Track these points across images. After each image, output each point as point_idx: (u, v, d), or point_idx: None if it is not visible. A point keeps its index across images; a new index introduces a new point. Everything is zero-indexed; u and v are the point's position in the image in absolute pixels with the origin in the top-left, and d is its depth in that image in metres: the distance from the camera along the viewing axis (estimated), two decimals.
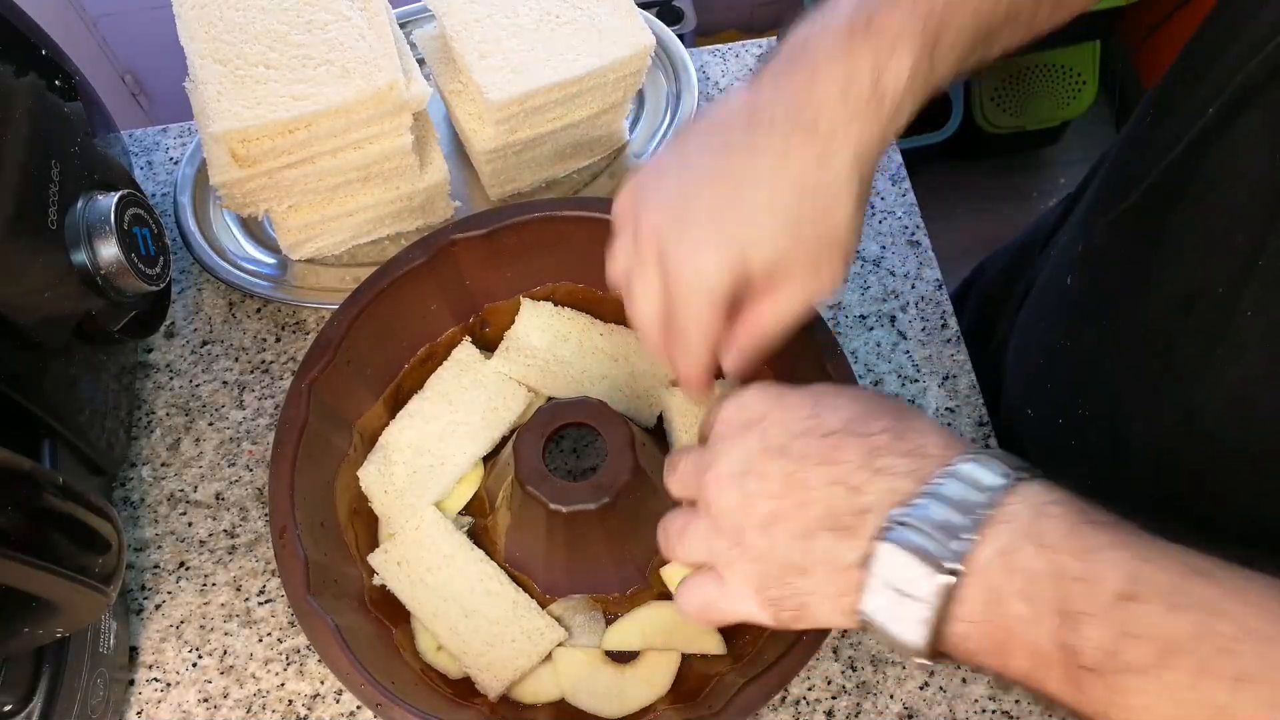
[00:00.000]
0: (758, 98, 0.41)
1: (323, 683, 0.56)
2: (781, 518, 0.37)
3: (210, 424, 0.64)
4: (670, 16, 1.65)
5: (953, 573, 0.32)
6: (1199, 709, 0.29)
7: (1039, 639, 0.31)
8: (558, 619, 0.53)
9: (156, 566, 0.59)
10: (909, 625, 0.34)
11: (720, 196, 0.40)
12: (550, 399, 0.58)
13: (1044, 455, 0.49)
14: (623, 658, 0.53)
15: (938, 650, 0.34)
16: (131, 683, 0.56)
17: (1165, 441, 0.44)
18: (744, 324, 0.44)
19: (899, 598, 0.34)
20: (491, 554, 0.54)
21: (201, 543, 0.60)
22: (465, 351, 0.59)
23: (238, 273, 0.66)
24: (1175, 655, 0.29)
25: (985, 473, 0.34)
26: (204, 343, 0.67)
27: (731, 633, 0.53)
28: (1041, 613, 0.31)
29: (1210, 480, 0.43)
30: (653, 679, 0.52)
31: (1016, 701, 0.54)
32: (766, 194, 0.40)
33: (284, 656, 0.56)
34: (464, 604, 0.52)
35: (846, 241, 0.41)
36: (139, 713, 0.55)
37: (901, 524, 0.34)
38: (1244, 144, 0.39)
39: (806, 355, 0.53)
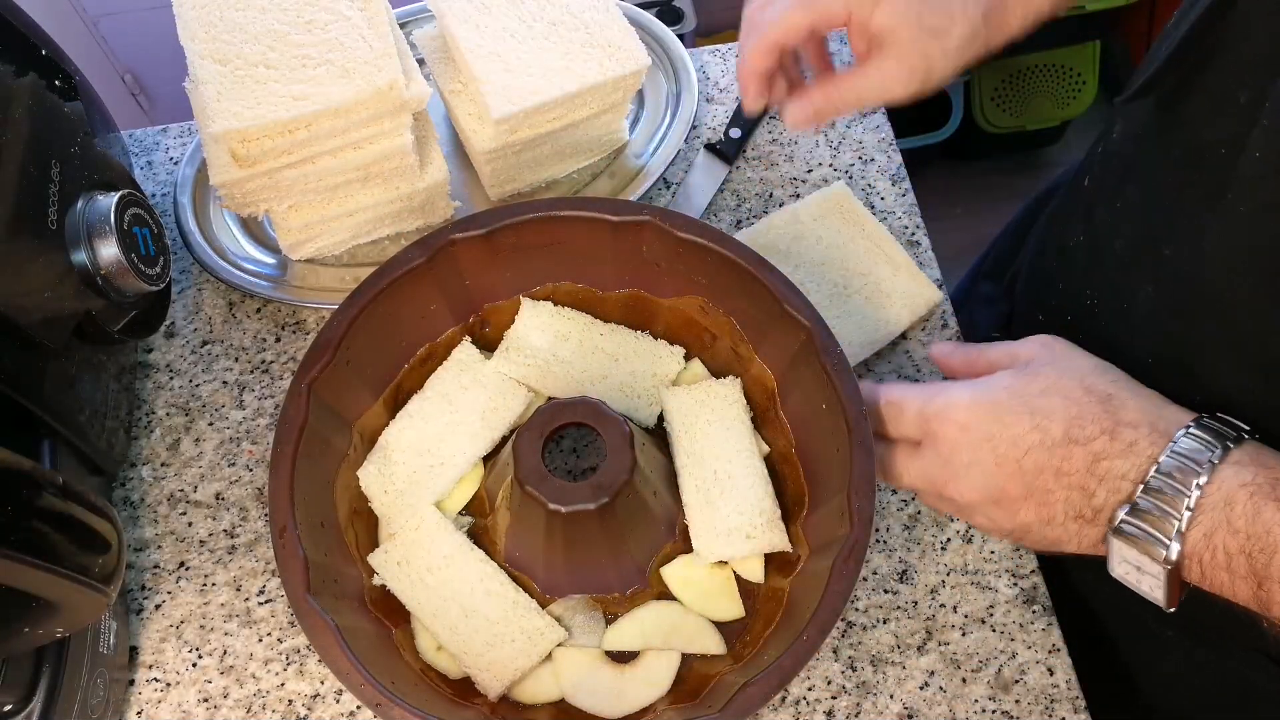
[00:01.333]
0: None
1: (323, 683, 0.56)
2: (1030, 520, 0.46)
3: (210, 424, 0.64)
4: (670, 16, 1.65)
5: (1168, 561, 0.41)
6: None
7: (1241, 596, 0.41)
8: (558, 619, 0.53)
9: (156, 566, 0.59)
10: (1149, 588, 0.43)
11: None
12: (550, 399, 0.58)
13: None
14: (623, 658, 0.53)
15: (1180, 597, 0.43)
16: (131, 683, 0.56)
17: (1168, 301, 0.48)
18: (839, 80, 0.55)
19: (1137, 571, 0.43)
20: (491, 554, 0.54)
21: (201, 543, 0.60)
22: (465, 351, 0.59)
23: (238, 273, 0.66)
24: None
25: (1188, 465, 0.42)
26: (204, 343, 0.67)
27: (731, 633, 0.53)
28: (1239, 579, 0.40)
29: (1206, 339, 0.46)
30: (653, 679, 0.52)
31: (1016, 701, 0.54)
32: None
33: (284, 656, 0.56)
34: (464, 604, 0.52)
35: (950, 49, 0.52)
36: (139, 713, 0.55)
37: (1126, 522, 0.43)
38: (1254, 7, 0.42)
39: (806, 354, 0.53)
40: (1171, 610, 0.44)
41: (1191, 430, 0.42)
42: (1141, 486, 0.42)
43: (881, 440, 0.51)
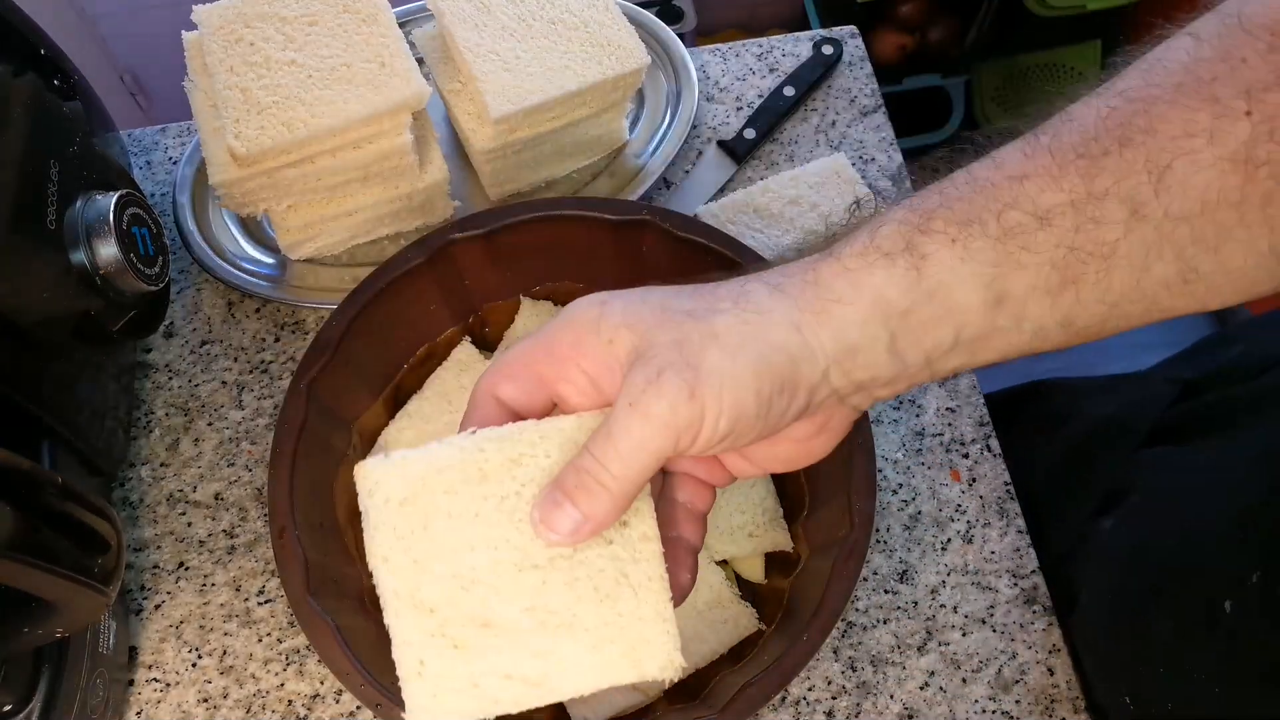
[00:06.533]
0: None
1: (323, 683, 0.56)
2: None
3: (209, 424, 0.64)
4: (670, 16, 1.65)
5: None
6: None
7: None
8: None
9: (156, 566, 0.59)
10: None
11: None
12: None
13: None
14: None
15: None
16: (131, 683, 0.56)
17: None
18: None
19: None
20: None
21: (201, 543, 0.60)
22: (465, 351, 0.59)
23: (237, 273, 0.66)
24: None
25: None
26: (203, 343, 0.67)
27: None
28: None
29: None
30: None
31: (1016, 701, 0.54)
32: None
33: (284, 656, 0.56)
34: None
35: None
36: (139, 713, 0.55)
37: None
38: None
39: None
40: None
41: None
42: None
43: None
